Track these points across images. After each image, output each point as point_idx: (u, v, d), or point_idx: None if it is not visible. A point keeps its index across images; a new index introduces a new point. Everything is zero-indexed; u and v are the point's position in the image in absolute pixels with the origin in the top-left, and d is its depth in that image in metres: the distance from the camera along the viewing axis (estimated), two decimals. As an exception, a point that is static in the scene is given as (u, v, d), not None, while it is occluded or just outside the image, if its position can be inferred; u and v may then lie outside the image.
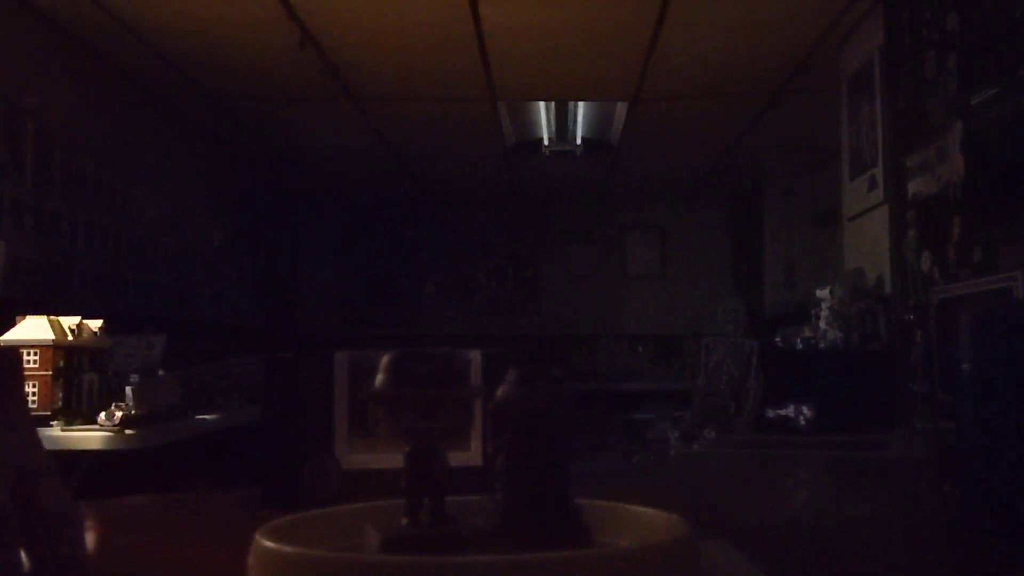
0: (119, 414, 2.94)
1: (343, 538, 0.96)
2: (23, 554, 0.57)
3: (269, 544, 0.84)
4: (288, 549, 0.83)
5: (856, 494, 2.78)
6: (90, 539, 0.55)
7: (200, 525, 1.44)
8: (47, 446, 0.78)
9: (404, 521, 0.93)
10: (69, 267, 4.31)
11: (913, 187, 3.44)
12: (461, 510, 0.99)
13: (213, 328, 6.20)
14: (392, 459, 0.97)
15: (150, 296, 5.21)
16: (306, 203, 8.40)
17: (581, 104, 5.96)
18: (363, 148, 6.55)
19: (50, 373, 3.01)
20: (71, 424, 2.95)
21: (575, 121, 6.30)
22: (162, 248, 5.42)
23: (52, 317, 3.09)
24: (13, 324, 3.08)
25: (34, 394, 2.97)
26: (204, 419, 3.70)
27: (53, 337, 3.02)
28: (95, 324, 3.29)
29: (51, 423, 2.92)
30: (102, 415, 2.95)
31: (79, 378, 3.16)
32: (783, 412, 3.44)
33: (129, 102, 5.05)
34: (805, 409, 3.42)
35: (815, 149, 5.76)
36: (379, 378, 0.95)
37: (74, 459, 2.84)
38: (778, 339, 4.02)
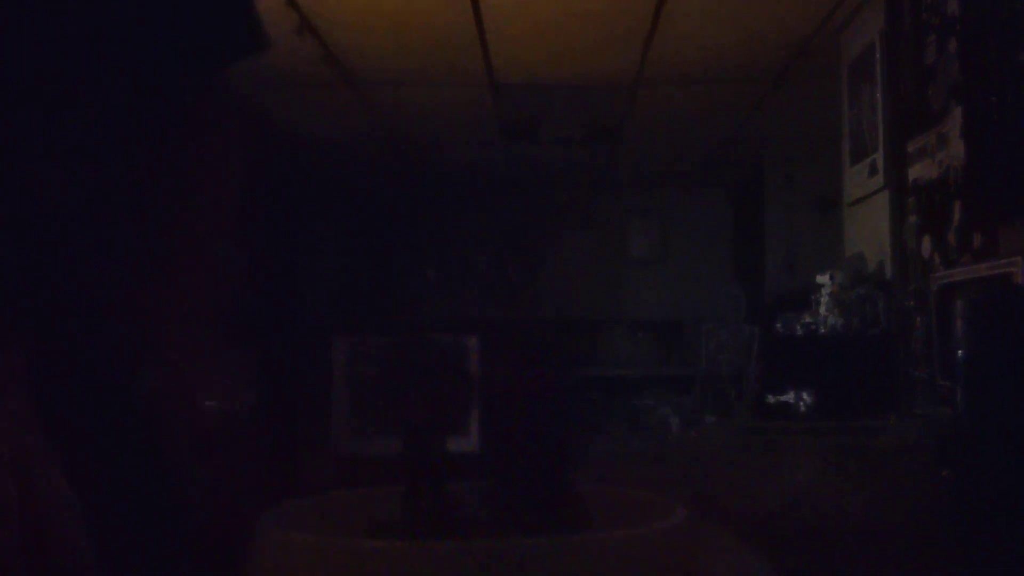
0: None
1: (343, 524, 0.96)
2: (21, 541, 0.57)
3: (271, 529, 0.84)
4: (289, 534, 0.83)
5: (855, 479, 2.78)
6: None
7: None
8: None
9: (403, 507, 0.93)
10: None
11: (913, 173, 3.43)
12: (460, 495, 0.99)
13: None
14: (391, 445, 0.97)
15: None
16: (305, 189, 8.37)
17: (581, 88, 5.93)
18: (363, 134, 6.53)
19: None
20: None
21: (575, 106, 6.26)
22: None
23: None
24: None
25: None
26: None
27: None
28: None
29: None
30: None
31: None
32: (783, 398, 3.44)
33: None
34: (805, 395, 3.42)
35: (816, 135, 5.74)
36: (378, 364, 0.95)
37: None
38: (778, 325, 4.02)
